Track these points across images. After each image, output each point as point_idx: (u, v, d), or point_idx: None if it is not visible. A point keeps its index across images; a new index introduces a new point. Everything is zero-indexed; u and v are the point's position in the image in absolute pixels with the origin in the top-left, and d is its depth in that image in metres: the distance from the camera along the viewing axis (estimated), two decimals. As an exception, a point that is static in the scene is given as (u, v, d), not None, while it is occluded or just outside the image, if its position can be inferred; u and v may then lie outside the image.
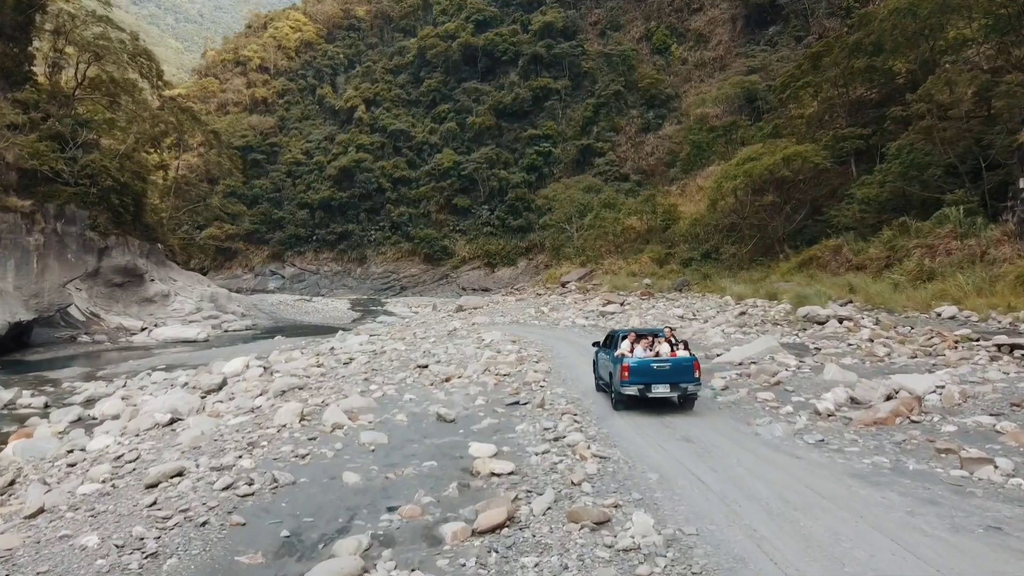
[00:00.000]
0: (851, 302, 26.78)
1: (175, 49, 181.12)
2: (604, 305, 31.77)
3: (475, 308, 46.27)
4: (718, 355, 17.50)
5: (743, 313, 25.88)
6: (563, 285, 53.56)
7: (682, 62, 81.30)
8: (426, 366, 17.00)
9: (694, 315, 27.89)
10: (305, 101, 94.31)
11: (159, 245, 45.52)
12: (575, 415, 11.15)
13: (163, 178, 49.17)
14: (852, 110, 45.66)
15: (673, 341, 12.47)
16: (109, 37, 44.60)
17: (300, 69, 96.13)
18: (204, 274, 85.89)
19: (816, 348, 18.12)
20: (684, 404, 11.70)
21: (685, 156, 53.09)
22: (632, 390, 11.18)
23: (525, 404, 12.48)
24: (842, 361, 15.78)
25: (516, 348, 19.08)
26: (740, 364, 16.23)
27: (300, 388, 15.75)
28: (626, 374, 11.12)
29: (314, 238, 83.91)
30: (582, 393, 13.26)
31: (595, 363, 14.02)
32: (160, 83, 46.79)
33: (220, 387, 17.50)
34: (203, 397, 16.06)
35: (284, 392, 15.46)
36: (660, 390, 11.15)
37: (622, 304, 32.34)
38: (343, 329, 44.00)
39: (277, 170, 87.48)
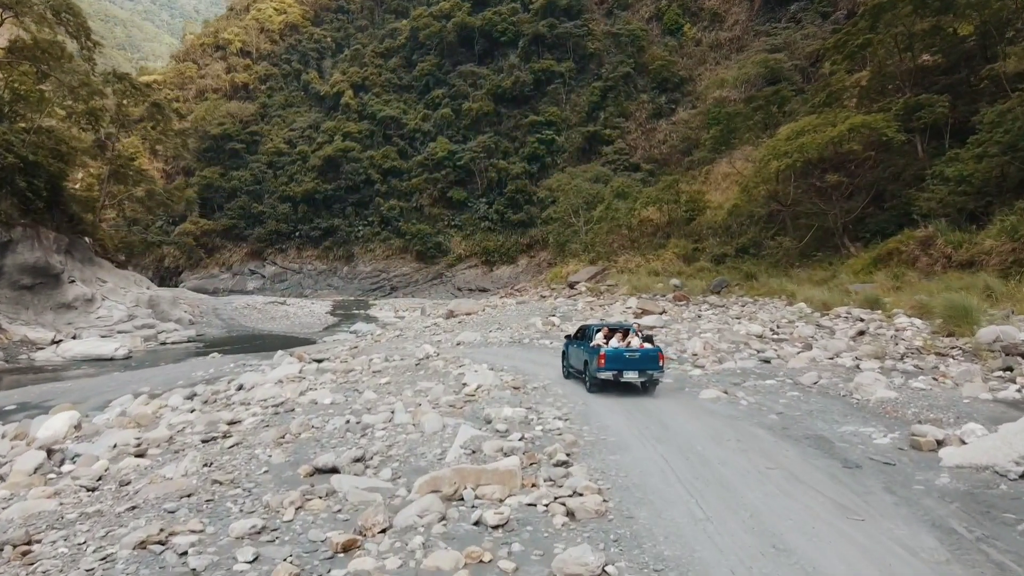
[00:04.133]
0: (1013, 312, 17.49)
1: (170, 45, 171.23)
2: (638, 315, 22.24)
3: (467, 314, 36.97)
4: (937, 445, 8.06)
5: (861, 333, 16.40)
6: (571, 286, 44.29)
7: (696, 43, 72.46)
8: (334, 472, 7.60)
9: (776, 331, 18.45)
10: (289, 87, 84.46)
11: (86, 239, 36.04)
12: None
13: (100, 159, 39.45)
14: (916, 79, 36.45)
15: (642, 336, 13.20)
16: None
17: (284, 53, 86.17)
18: (178, 274, 76.62)
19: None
20: (647, 389, 12.51)
21: (716, 133, 43.78)
22: (607, 375, 12.09)
23: None
24: None
25: (521, 416, 9.64)
26: (1029, 480, 6.86)
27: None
28: (602, 361, 12.05)
29: (297, 234, 74.33)
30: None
31: (564, 353, 14.70)
32: (89, 43, 37.15)
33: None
34: None
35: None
36: (630, 375, 12.14)
37: (662, 313, 22.78)
38: (303, 343, 34.66)
39: (257, 160, 77.67)
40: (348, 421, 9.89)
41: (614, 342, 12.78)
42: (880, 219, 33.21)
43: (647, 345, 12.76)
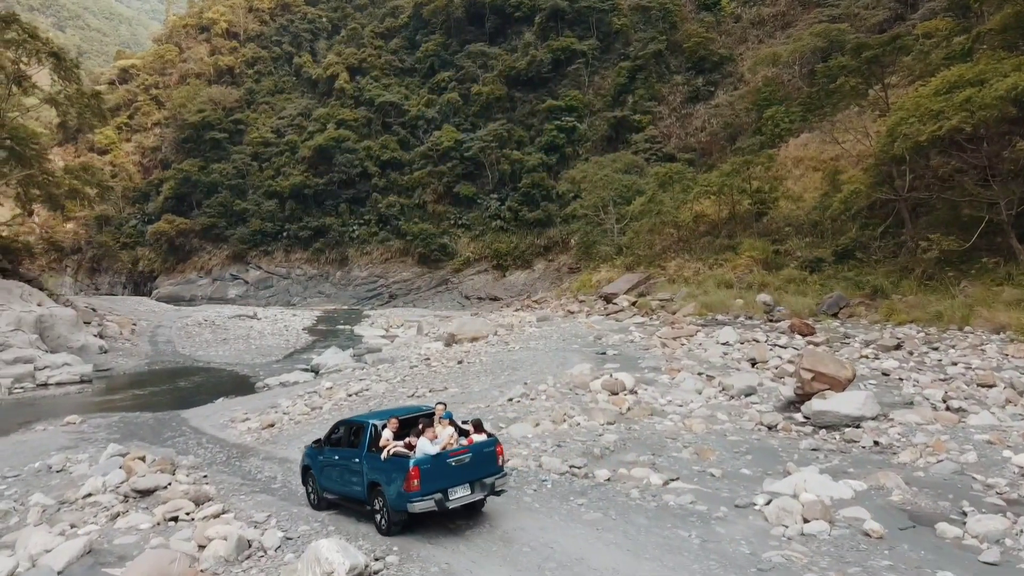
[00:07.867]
0: None
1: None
2: (808, 386, 10.85)
3: (473, 340, 26.06)
4: None
5: None
6: (607, 300, 33.26)
7: (735, 19, 61.58)
8: None
9: None
10: (279, 72, 73.88)
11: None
12: None
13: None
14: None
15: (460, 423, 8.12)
16: None
17: (274, 35, 75.62)
18: (153, 279, 66.10)
19: None
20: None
21: (803, 99, 32.73)
22: (428, 504, 7.01)
23: None
24: None
25: None
26: None
27: None
28: (416, 481, 6.96)
29: (284, 234, 63.62)
30: None
31: (307, 467, 9.04)
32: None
33: None
34: None
35: None
36: (460, 494, 7.29)
37: (851, 379, 11.38)
38: (241, 384, 23.88)
39: (241, 152, 66.97)
40: None
41: (424, 443, 7.14)
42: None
43: (478, 437, 7.60)
